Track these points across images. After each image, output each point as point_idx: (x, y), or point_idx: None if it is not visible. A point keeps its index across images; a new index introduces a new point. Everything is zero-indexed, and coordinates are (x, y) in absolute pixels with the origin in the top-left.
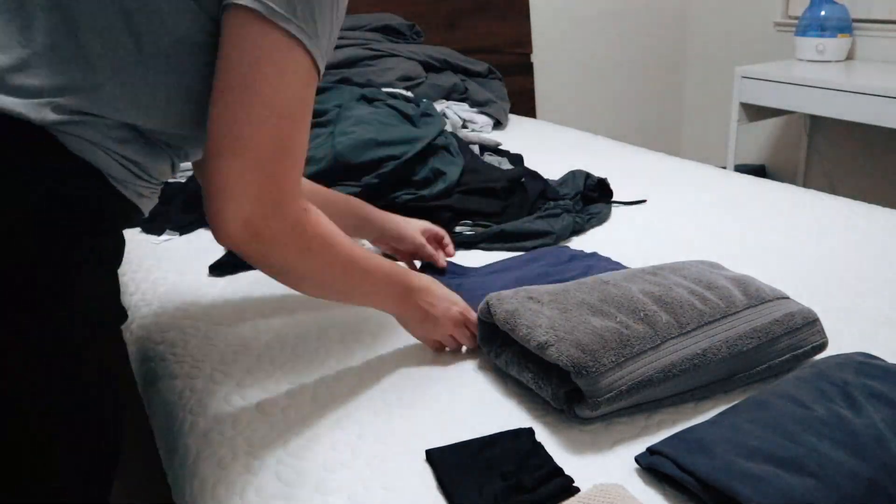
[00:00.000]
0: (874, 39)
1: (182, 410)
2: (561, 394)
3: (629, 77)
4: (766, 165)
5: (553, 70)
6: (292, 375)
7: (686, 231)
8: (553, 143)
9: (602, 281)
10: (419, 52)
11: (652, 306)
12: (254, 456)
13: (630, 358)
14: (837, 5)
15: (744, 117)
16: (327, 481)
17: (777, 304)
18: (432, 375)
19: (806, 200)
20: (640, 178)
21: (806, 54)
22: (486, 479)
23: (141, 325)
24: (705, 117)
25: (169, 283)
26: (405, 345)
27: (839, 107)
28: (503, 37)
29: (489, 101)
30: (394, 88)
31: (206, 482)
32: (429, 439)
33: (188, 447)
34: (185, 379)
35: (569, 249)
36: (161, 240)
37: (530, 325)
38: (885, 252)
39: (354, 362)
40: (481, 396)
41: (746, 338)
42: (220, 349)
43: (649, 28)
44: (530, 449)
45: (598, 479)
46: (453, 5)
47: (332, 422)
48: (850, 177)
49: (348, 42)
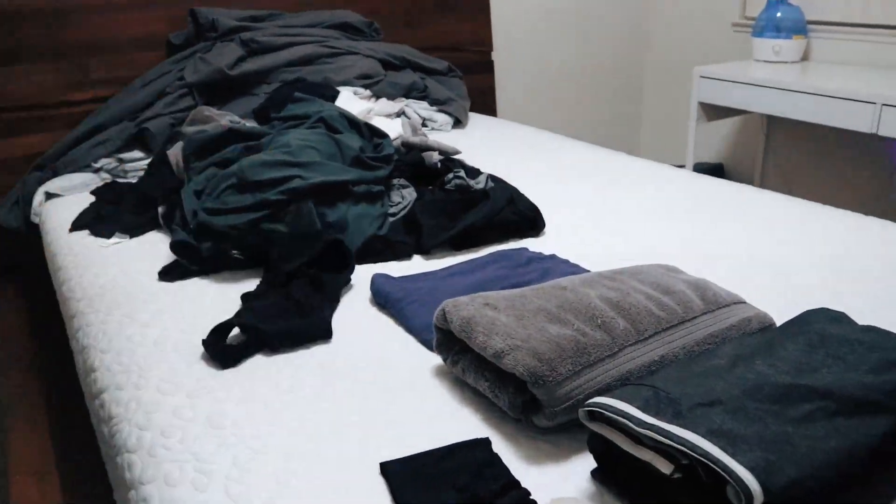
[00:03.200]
0: (828, 41)
1: (128, 424)
2: (518, 403)
3: (589, 76)
4: (724, 164)
5: (513, 68)
6: (245, 384)
7: (644, 230)
8: (512, 142)
9: (560, 287)
10: (378, 49)
11: (609, 312)
12: (201, 472)
13: (587, 366)
14: (792, 7)
15: (702, 117)
16: (279, 496)
17: (733, 308)
18: (388, 384)
19: (763, 201)
20: (598, 176)
21: (763, 55)
22: (442, 491)
23: (86, 333)
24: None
25: (117, 288)
26: (360, 353)
27: (795, 107)
28: (463, 35)
29: (449, 100)
30: (352, 86)
31: (150, 501)
32: (385, 449)
33: (133, 463)
34: (132, 390)
35: (527, 251)
36: (110, 243)
37: (486, 332)
38: (839, 253)
39: (308, 372)
40: (438, 405)
41: (703, 343)
42: (169, 358)
43: (609, 28)
44: (487, 460)
45: (555, 490)
46: (413, 3)
47: (285, 432)
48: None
49: (306, 39)
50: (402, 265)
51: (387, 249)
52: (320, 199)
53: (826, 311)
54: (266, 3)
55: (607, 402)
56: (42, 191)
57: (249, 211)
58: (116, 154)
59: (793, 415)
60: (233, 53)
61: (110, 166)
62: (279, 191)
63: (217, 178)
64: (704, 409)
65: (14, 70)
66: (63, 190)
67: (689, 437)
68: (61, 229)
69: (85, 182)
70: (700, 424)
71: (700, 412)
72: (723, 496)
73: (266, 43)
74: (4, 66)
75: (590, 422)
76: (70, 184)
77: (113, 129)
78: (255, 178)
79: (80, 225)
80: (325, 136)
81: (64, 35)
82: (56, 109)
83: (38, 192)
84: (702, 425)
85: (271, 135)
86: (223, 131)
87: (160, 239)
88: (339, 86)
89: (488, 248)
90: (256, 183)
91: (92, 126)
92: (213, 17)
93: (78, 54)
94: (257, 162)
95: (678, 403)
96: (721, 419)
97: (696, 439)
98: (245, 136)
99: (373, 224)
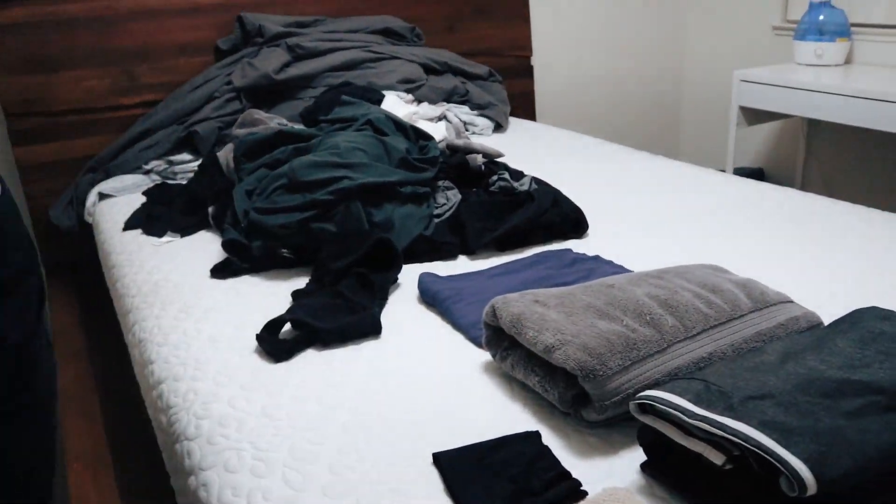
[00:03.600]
0: (872, 44)
1: (186, 413)
2: (568, 397)
3: (628, 80)
4: (764, 169)
5: (553, 73)
6: (297, 378)
7: (685, 234)
8: (552, 146)
9: (607, 284)
10: (420, 54)
11: (658, 310)
12: (260, 459)
13: (637, 361)
14: (836, 10)
15: (742, 121)
16: (334, 485)
17: (781, 307)
18: (438, 379)
19: (805, 204)
20: (639, 179)
21: (804, 58)
22: (495, 482)
23: (142, 328)
24: (704, 121)
25: (171, 286)
26: (409, 350)
27: (837, 110)
28: (503, 40)
29: (489, 104)
30: (395, 90)
31: (211, 486)
32: (436, 443)
33: (192, 450)
34: (189, 381)
35: (571, 253)
36: (162, 242)
37: (536, 328)
38: (883, 255)
39: (360, 366)
40: (488, 400)
41: (751, 341)
42: (223, 352)
43: (649, 32)
44: (538, 452)
45: (605, 483)
46: (454, 8)
47: (338, 426)
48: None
49: (349, 45)
50: (447, 265)
51: (433, 250)
52: (368, 200)
53: (876, 309)
54: (311, 9)
55: (659, 394)
56: (95, 191)
57: (299, 210)
58: (166, 156)
59: (845, 409)
60: (279, 58)
61: (160, 168)
62: (328, 191)
63: (268, 178)
64: (756, 402)
65: (67, 75)
66: (115, 191)
67: (742, 429)
68: (114, 229)
69: (136, 183)
70: (752, 416)
71: (752, 405)
72: (774, 488)
73: (311, 48)
74: (57, 71)
75: (640, 415)
76: (122, 185)
77: (162, 133)
78: (305, 179)
79: (133, 224)
80: (373, 138)
81: (113, 41)
82: (106, 113)
83: (92, 192)
84: (754, 417)
85: (320, 136)
86: (273, 133)
87: (210, 238)
88: (383, 90)
89: (532, 249)
90: (306, 183)
91: (142, 129)
92: (259, 24)
93: (127, 60)
94: (307, 162)
95: (729, 396)
96: (773, 412)
97: (749, 430)
98: (294, 138)
99: (419, 224)
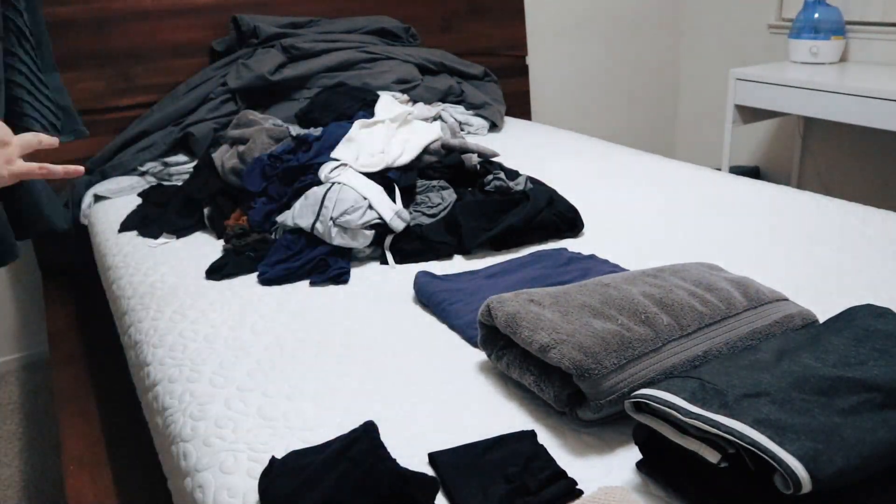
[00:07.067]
0: (867, 41)
1: (182, 415)
2: (563, 396)
3: (624, 79)
4: (759, 167)
5: (548, 72)
6: (293, 379)
7: (681, 232)
8: (548, 146)
9: (603, 283)
10: (415, 54)
11: (653, 308)
12: (256, 461)
13: (632, 360)
14: (831, 8)
15: (738, 119)
16: None
17: (776, 305)
18: (434, 378)
19: (801, 202)
20: (635, 178)
21: (800, 56)
22: (490, 481)
23: (138, 329)
24: (700, 119)
25: (167, 287)
26: (404, 350)
27: (833, 108)
28: (498, 39)
29: (485, 104)
30: (390, 91)
31: (207, 488)
32: (431, 442)
33: (188, 452)
34: (185, 383)
35: (567, 252)
36: (158, 243)
37: (532, 327)
38: (879, 253)
39: (355, 366)
40: (483, 399)
41: (746, 339)
42: (219, 353)
43: (644, 30)
44: (533, 451)
45: (600, 482)
46: (448, 8)
47: (334, 425)
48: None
49: (344, 45)
50: (443, 265)
51: (428, 250)
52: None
53: (871, 307)
54: (306, 10)
55: (654, 393)
56: (91, 193)
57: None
58: (161, 158)
59: (840, 406)
60: (274, 59)
61: (156, 170)
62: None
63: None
64: (751, 400)
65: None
66: (111, 193)
67: (737, 427)
68: (110, 231)
69: (132, 185)
70: (747, 414)
71: (746, 403)
72: (769, 485)
73: (306, 49)
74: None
75: (636, 413)
76: (118, 187)
77: (158, 134)
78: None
79: (129, 226)
80: None
81: (108, 43)
82: (102, 115)
83: (87, 194)
84: (749, 415)
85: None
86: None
87: (206, 240)
88: (378, 90)
89: (528, 249)
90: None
91: (138, 131)
92: (254, 25)
93: (122, 62)
94: None
95: (724, 394)
96: (768, 409)
97: (743, 428)
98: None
99: None
